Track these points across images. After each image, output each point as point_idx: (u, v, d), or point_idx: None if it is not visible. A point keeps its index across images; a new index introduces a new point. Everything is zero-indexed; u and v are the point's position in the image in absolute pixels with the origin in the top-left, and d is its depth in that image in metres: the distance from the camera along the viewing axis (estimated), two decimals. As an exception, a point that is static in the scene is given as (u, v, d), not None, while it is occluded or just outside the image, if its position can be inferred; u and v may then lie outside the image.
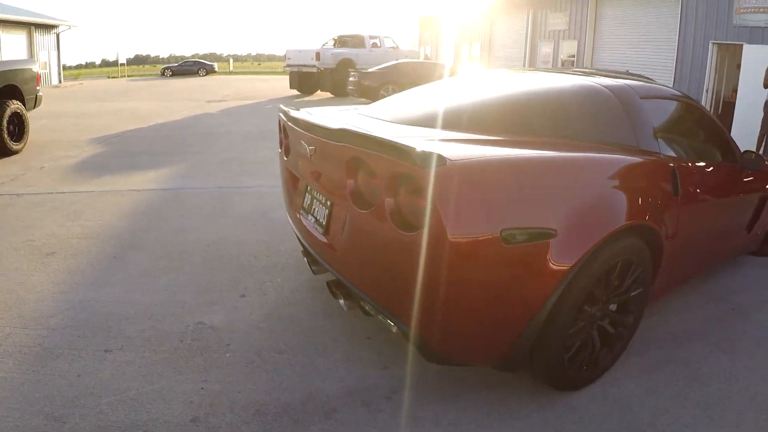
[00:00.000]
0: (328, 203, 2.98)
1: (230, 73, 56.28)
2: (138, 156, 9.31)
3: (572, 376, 2.74)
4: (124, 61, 52.80)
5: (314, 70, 21.78)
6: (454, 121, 3.08)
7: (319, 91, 22.78)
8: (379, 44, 23.93)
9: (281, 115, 3.68)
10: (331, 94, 21.84)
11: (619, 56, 17.55)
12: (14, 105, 9.24)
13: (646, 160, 2.96)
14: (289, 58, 23.19)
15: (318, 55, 21.51)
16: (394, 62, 19.06)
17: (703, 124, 3.86)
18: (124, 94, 25.66)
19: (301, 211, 3.37)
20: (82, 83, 36.75)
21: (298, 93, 23.36)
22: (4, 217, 5.77)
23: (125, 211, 6.00)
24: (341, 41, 23.84)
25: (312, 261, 3.34)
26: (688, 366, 3.15)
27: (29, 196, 6.62)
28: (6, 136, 8.95)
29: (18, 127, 9.49)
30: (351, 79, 18.27)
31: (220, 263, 4.50)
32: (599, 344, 2.82)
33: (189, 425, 2.62)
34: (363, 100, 17.18)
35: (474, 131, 2.88)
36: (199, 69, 48.86)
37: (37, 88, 10.32)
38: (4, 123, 8.89)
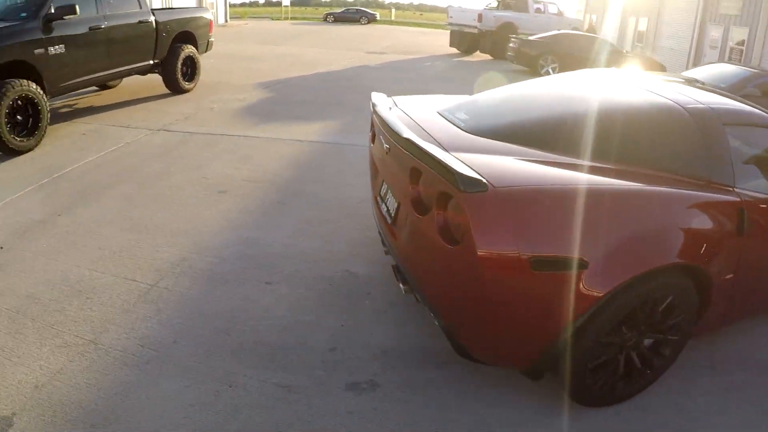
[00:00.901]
0: (397, 199, 3.42)
1: (391, 22, 57.72)
2: (302, 106, 10.41)
3: (591, 394, 3.00)
4: (288, 3, 55.98)
5: (475, 30, 22.58)
6: (521, 136, 3.30)
7: (478, 52, 23.30)
8: (542, 9, 24.25)
9: (371, 103, 4.18)
10: (490, 56, 22.33)
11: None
12: (188, 49, 10.91)
13: (709, 196, 3.03)
14: (451, 16, 24.27)
15: (480, 17, 22.28)
16: (555, 32, 19.32)
17: None
18: (287, 37, 27.69)
19: (378, 197, 3.87)
20: (247, 23, 39.68)
21: (458, 52, 23.99)
22: (181, 153, 7.00)
23: (290, 160, 6.99)
24: (504, 3, 24.33)
25: (383, 242, 3.90)
26: (764, 396, 3.33)
27: (201, 136, 7.86)
28: (180, 76, 10.70)
29: (190, 69, 11.23)
30: (511, 45, 18.93)
31: (370, 220, 5.22)
32: (624, 371, 3.02)
33: (327, 353, 3.41)
34: (520, 66, 17.94)
35: (538, 148, 3.15)
36: (361, 17, 51.08)
37: (210, 34, 12.00)
38: (179, 65, 10.63)
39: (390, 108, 4.01)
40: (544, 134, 3.31)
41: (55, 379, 3.12)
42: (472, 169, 2.68)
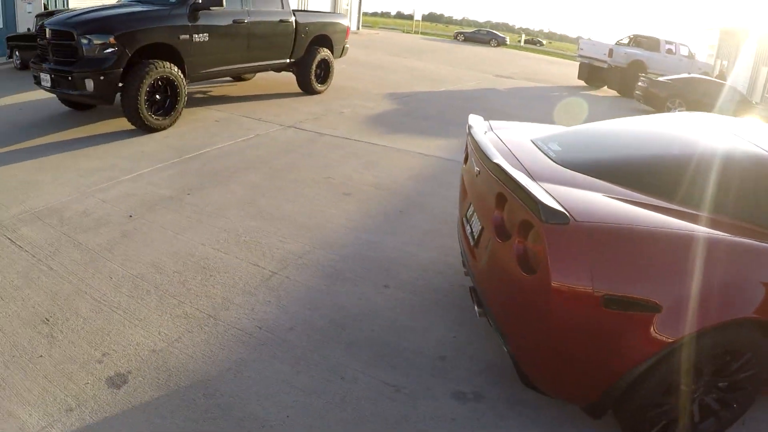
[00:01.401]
0: (481, 222, 3.50)
1: (519, 47, 57.73)
2: (427, 120, 10.66)
3: None
4: (419, 18, 57.31)
5: (604, 65, 22.43)
6: (610, 173, 3.34)
7: (606, 87, 23.06)
8: (674, 50, 23.80)
9: (467, 125, 4.26)
10: (618, 93, 22.04)
11: None
12: (324, 52, 11.52)
13: None
14: (581, 49, 24.29)
15: (611, 52, 22.14)
16: (686, 76, 18.76)
17: None
18: (417, 51, 28.31)
19: (464, 218, 3.95)
20: (378, 33, 40.71)
21: (585, 85, 23.84)
22: (309, 152, 7.38)
23: (413, 171, 7.21)
24: (636, 41, 24.19)
25: (464, 263, 3.96)
26: None
27: (330, 138, 8.24)
28: (313, 78, 11.30)
29: (324, 71, 11.80)
30: (639, 83, 18.55)
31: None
32: (696, 419, 2.99)
33: (437, 360, 3.55)
34: (647, 107, 17.51)
35: (626, 186, 3.18)
36: (491, 39, 51.35)
37: (346, 40, 12.62)
38: (314, 66, 11.23)
39: (485, 132, 4.11)
40: (631, 173, 3.34)
41: (172, 346, 3.41)
42: (555, 200, 2.76)
